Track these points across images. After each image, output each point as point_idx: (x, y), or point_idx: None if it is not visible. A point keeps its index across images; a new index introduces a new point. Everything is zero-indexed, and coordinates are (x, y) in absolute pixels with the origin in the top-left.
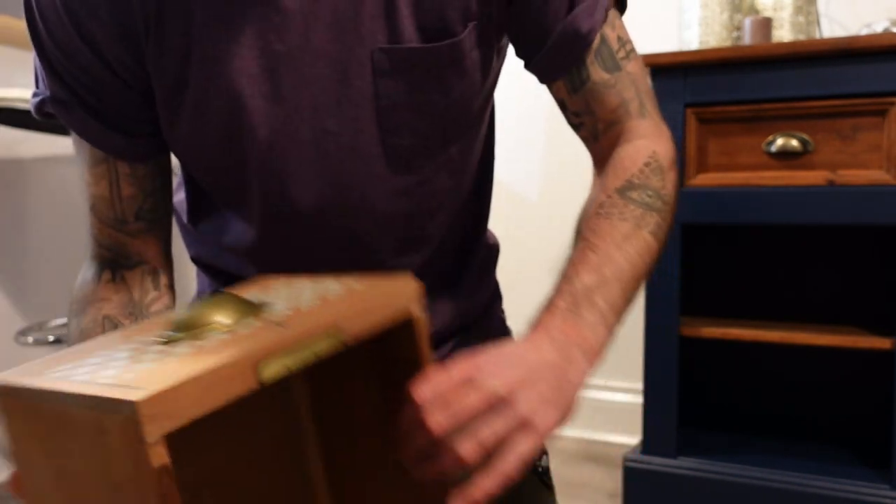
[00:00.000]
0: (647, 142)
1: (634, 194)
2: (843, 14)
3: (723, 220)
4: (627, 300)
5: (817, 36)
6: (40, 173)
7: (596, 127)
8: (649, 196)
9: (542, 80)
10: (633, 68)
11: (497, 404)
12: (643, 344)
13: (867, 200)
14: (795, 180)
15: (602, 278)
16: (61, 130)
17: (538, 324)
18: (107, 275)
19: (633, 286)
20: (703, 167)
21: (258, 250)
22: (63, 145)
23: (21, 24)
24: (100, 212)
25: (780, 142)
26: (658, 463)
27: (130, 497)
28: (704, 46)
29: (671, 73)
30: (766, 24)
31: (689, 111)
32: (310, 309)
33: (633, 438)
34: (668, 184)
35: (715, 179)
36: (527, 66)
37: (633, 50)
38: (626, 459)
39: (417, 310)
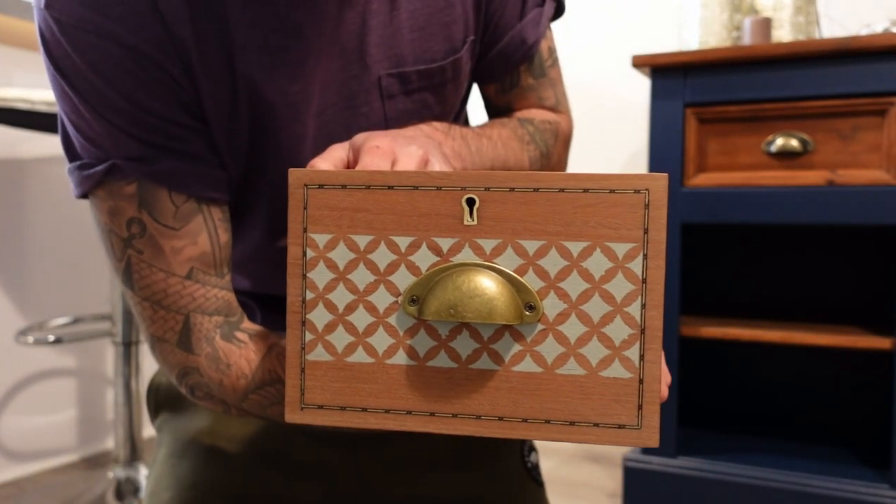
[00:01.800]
0: (554, 115)
1: (530, 127)
2: (843, 14)
3: (722, 219)
4: None
5: (817, 36)
6: (40, 173)
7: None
8: (540, 139)
9: (476, 80)
10: (554, 74)
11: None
12: None
13: (867, 200)
14: (795, 180)
15: (475, 148)
16: None
17: None
18: (227, 347)
19: None
20: (702, 167)
21: (254, 262)
22: None
23: (20, 24)
24: (201, 275)
25: (779, 142)
26: (658, 463)
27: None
28: (704, 46)
29: (671, 72)
30: (765, 24)
31: (688, 111)
32: None
33: None
34: (557, 147)
35: (714, 179)
36: None
37: (556, 58)
38: (625, 459)
39: None
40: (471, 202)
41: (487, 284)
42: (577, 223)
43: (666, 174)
